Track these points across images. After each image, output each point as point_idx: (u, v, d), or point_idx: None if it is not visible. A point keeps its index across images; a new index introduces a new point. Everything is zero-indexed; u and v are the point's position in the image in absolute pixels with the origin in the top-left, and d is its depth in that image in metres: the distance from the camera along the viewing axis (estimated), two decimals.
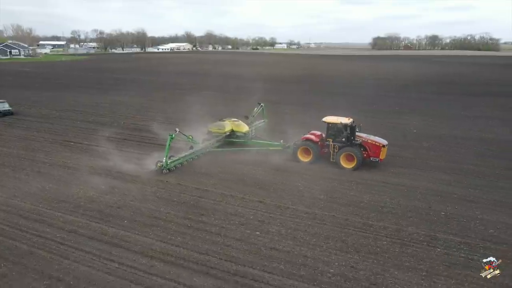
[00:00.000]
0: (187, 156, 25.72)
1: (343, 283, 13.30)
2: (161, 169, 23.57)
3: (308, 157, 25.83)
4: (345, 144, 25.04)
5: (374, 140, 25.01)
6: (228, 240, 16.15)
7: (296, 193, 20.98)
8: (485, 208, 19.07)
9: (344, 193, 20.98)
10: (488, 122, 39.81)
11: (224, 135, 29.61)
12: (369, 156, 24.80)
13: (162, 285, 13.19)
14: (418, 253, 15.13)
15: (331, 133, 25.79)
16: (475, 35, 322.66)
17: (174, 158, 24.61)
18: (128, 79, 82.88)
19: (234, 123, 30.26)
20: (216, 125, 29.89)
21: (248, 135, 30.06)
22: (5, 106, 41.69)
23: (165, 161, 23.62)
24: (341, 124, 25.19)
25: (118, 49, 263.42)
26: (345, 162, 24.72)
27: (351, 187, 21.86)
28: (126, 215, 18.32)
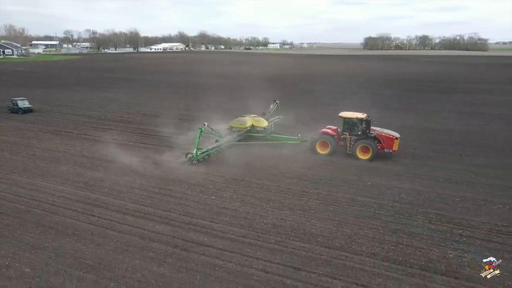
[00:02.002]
0: (214, 148, 27.12)
1: (271, 228, 17.22)
2: (191, 160, 25.38)
3: (326, 150, 27.57)
4: (361, 137, 27.00)
5: (387, 133, 26.94)
6: (188, 202, 20.02)
7: (255, 169, 24.82)
8: (405, 180, 23.08)
9: (294, 170, 24.84)
10: (443, 115, 43.86)
11: (245, 130, 31.38)
12: (383, 148, 26.58)
13: (131, 230, 17.01)
14: (337, 210, 19.08)
15: (347, 127, 27.64)
16: (464, 36, 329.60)
17: (203, 150, 26.12)
18: (119, 77, 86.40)
19: (254, 119, 31.98)
20: (238, 121, 31.54)
21: (267, 130, 31.99)
22: (25, 103, 44.03)
23: (195, 153, 25.37)
24: (357, 118, 27.28)
25: (111, 49, 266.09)
26: (361, 154, 26.53)
27: (303, 166, 25.69)
28: (107, 185, 22.13)
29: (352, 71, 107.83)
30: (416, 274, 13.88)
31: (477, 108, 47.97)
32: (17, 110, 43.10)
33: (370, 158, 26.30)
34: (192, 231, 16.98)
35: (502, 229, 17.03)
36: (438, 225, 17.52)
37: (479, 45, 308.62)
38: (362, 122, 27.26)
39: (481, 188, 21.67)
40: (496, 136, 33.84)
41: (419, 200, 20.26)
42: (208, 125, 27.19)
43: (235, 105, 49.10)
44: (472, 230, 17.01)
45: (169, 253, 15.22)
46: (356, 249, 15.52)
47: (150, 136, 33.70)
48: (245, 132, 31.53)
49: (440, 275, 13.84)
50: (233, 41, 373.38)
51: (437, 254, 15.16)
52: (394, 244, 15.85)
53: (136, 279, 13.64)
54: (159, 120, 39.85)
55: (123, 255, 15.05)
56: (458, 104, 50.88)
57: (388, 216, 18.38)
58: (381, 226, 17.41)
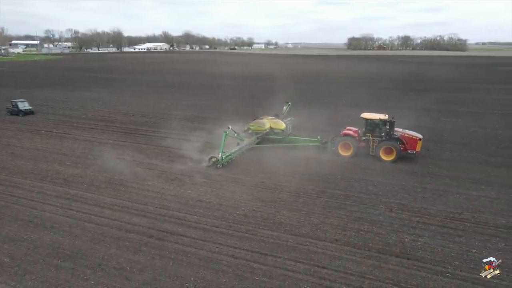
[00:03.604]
0: (237, 151, 27.16)
1: (243, 218, 18.23)
2: (216, 164, 24.98)
3: (348, 152, 27.33)
4: (385, 138, 26.73)
5: (410, 134, 26.68)
6: (165, 196, 20.85)
7: (236, 165, 25.76)
8: (372, 173, 24.40)
9: (273, 165, 25.83)
10: (415, 112, 45.54)
11: (264, 132, 30.80)
12: (406, 149, 26.26)
13: (108, 222, 17.77)
14: (306, 201, 20.21)
15: (370, 128, 27.44)
16: (444, 36, 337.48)
17: (227, 153, 25.78)
18: (101, 77, 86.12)
19: (272, 121, 31.49)
20: (256, 123, 30.94)
21: (285, 132, 31.60)
22: (25, 105, 42.71)
23: (221, 156, 25.03)
24: (381, 120, 27.00)
25: (94, 49, 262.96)
26: (384, 155, 26.29)
27: (280, 161, 26.71)
28: (86, 181, 22.77)
29: (334, 70, 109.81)
30: (373, 257, 15.09)
31: (448, 106, 49.94)
32: (17, 112, 41.63)
33: (394, 160, 26.06)
34: (167, 222, 17.83)
35: (456, 216, 18.43)
36: (399, 213, 18.83)
37: (458, 45, 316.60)
38: (385, 123, 26.96)
39: (442, 180, 23.15)
40: (463, 132, 35.60)
41: (383, 191, 21.56)
42: (232, 129, 27.04)
43: (221, 105, 50.04)
44: (429, 217, 18.36)
45: (144, 242, 16.06)
46: (321, 236, 16.65)
47: (131, 134, 34.28)
48: (264, 135, 31.00)
49: (395, 257, 15.08)
50: (218, 41, 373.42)
51: (394, 238, 16.41)
52: (356, 231, 17.04)
53: (112, 266, 14.44)
54: (141, 119, 40.48)
55: (100, 245, 15.82)
56: (430, 102, 52.83)
57: (353, 206, 19.61)
58: (346, 215, 18.60)
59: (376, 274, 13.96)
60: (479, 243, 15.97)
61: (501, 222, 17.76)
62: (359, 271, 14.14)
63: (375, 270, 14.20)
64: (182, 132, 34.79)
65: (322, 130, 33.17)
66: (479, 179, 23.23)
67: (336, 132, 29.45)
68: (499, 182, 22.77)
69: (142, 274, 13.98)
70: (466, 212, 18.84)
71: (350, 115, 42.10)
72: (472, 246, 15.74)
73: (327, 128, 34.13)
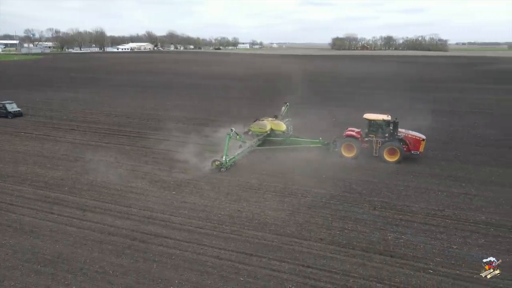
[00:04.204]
0: (240, 154, 26.56)
1: (227, 219, 18.14)
2: (219, 167, 24.23)
3: (352, 153, 27.06)
4: (388, 139, 26.57)
5: (414, 134, 26.62)
6: (149, 197, 20.59)
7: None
8: (356, 172, 24.63)
9: (254, 165, 25.84)
10: (393, 111, 46.12)
11: (265, 134, 30.31)
12: (409, 150, 26.17)
13: (90, 226, 17.44)
14: (292, 201, 20.25)
15: (373, 129, 27.22)
16: (425, 36, 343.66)
17: (230, 156, 25.20)
18: (83, 77, 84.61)
19: (273, 122, 31.02)
20: (257, 125, 30.45)
21: (287, 133, 31.19)
22: (13, 106, 41.25)
23: (225, 160, 24.39)
24: (384, 120, 26.87)
25: (76, 49, 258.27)
26: (388, 156, 26.08)
27: (265, 161, 26.72)
28: (68, 184, 22.30)
29: (319, 70, 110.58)
30: (357, 255, 15.22)
31: (430, 105, 50.82)
32: (6, 114, 40.11)
33: (397, 161, 25.89)
34: (151, 225, 17.60)
35: (438, 213, 18.77)
36: (382, 211, 19.06)
37: (439, 45, 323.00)
38: (389, 124, 26.86)
39: (424, 178, 23.55)
40: (444, 131, 36.29)
41: (367, 189, 21.79)
42: (236, 131, 26.67)
43: (207, 105, 49.82)
44: (412, 214, 18.64)
45: (127, 245, 15.82)
46: (306, 235, 16.71)
47: (114, 136, 33.75)
48: (265, 136, 30.51)
49: (379, 254, 15.25)
50: (203, 41, 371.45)
51: (377, 236, 16.60)
52: (340, 230, 17.17)
53: (94, 270, 14.16)
54: (124, 120, 39.93)
55: (81, 249, 15.50)
56: (412, 101, 53.69)
57: (337, 205, 19.75)
58: (330, 214, 18.72)
59: (360, 272, 14.09)
60: (460, 240, 16.30)
61: (481, 219, 18.16)
62: (344, 270, 14.24)
63: (359, 268, 14.33)
64: (167, 133, 34.50)
65: (311, 130, 33.37)
66: (460, 177, 23.72)
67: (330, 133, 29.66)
68: (479, 179, 23.30)
69: (125, 277, 13.76)
70: (447, 209, 19.21)
71: (336, 115, 42.58)
72: (453, 243, 16.05)
73: (317, 127, 34.38)
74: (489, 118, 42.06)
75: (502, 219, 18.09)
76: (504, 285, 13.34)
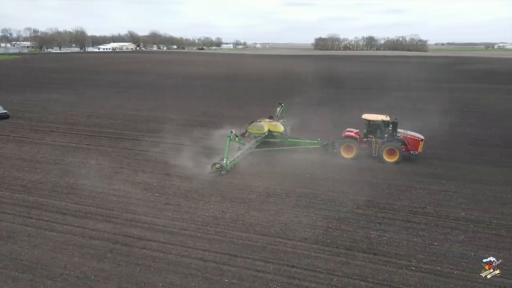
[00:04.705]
0: (239, 156, 26.10)
1: (212, 220, 18.01)
2: (219, 170, 23.79)
3: (351, 154, 26.99)
4: (388, 139, 26.57)
5: (413, 135, 26.73)
6: (132, 200, 20.26)
7: (201, 165, 25.41)
8: (340, 171, 24.83)
9: (238, 165, 25.72)
10: (377, 110, 46.87)
11: (263, 135, 29.90)
12: (408, 150, 26.24)
13: (71, 230, 17.03)
14: (276, 201, 20.25)
15: (372, 130, 27.18)
16: (406, 37, 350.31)
17: (231, 159, 24.74)
18: (63, 78, 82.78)
19: (270, 123, 30.67)
20: (255, 126, 30.01)
21: (284, 134, 30.80)
22: (0, 109, 39.89)
23: (226, 163, 23.99)
24: (383, 121, 26.80)
25: (55, 49, 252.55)
26: (387, 157, 26.07)
27: (252, 162, 26.60)
28: (47, 188, 21.73)
29: (302, 70, 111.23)
30: (341, 254, 15.33)
31: (411, 104, 51.73)
32: None
33: (397, 161, 25.95)
34: (134, 227, 17.31)
35: (419, 211, 19.09)
36: (365, 209, 19.27)
37: (419, 46, 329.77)
38: (388, 124, 26.95)
39: (406, 176, 23.94)
40: (425, 129, 36.79)
41: (351, 188, 21.98)
42: (235, 134, 26.34)
43: (190, 105, 49.41)
44: (394, 212, 18.91)
45: (109, 249, 15.50)
46: (290, 235, 16.74)
47: (95, 137, 33.09)
48: (263, 138, 30.12)
49: (362, 252, 15.39)
50: (186, 41, 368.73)
51: (361, 235, 16.76)
52: (324, 229, 17.26)
53: (75, 275, 13.83)
54: (106, 121, 39.23)
55: (61, 254, 15.11)
56: (394, 100, 54.57)
57: (321, 204, 19.86)
58: (314, 213, 18.81)
59: (344, 271, 14.19)
60: (441, 236, 16.61)
61: (461, 215, 18.57)
62: (328, 268, 14.32)
63: (343, 267, 14.43)
64: (150, 134, 34.10)
65: (299, 130, 33.51)
66: (440, 175, 24.20)
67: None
68: (459, 177, 23.83)
69: (107, 282, 13.48)
70: (428, 206, 19.56)
71: (319, 115, 42.89)
72: (434, 239, 16.35)
73: (302, 128, 34.53)
74: (469, 116, 43.08)
75: (480, 215, 18.54)
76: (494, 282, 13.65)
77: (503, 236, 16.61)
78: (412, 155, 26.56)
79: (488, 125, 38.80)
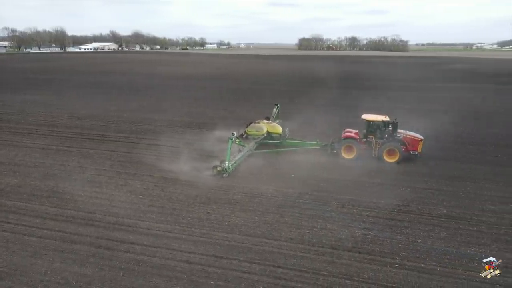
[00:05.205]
0: (240, 158, 25.81)
1: (197, 222, 17.84)
2: (221, 173, 23.43)
3: (351, 154, 26.99)
4: (387, 140, 26.71)
5: (412, 135, 26.92)
6: (115, 202, 19.87)
7: (185, 166, 25.16)
8: (325, 171, 24.99)
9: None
10: (361, 110, 47.45)
11: (262, 137, 29.64)
12: (408, 150, 26.40)
13: (51, 234, 16.57)
14: (262, 201, 20.20)
15: (371, 130, 27.22)
16: (387, 37, 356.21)
17: (232, 162, 24.39)
18: (42, 79, 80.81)
19: (269, 125, 30.40)
20: (254, 128, 29.67)
21: (283, 135, 30.46)
22: None
23: (228, 165, 23.60)
24: (383, 121, 26.87)
25: (34, 49, 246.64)
26: (387, 157, 26.19)
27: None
28: (26, 191, 21.12)
29: (285, 70, 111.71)
30: (326, 253, 15.38)
31: (393, 103, 52.51)
32: None
33: (397, 161, 26.12)
34: (117, 231, 16.98)
35: (403, 209, 19.35)
36: (350, 208, 19.41)
37: (401, 46, 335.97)
38: (388, 124, 27.08)
39: (389, 174, 24.23)
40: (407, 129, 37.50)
41: (335, 187, 22.12)
42: (237, 136, 26.01)
43: (174, 106, 48.92)
44: (378, 211, 19.11)
45: (91, 253, 15.15)
46: (276, 235, 16.71)
47: (77, 139, 32.36)
48: (262, 139, 29.88)
49: (347, 251, 15.48)
50: (169, 41, 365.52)
51: (346, 233, 16.87)
52: (310, 228, 17.30)
53: (55, 281, 13.45)
54: (87, 123, 38.46)
55: (41, 260, 14.68)
56: (376, 100, 55.38)
57: (306, 204, 19.91)
58: (300, 213, 18.83)
59: (330, 270, 14.24)
60: (424, 233, 16.87)
61: (443, 212, 18.91)
62: (314, 268, 14.34)
63: (328, 266, 14.48)
64: (133, 135, 33.61)
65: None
66: (423, 173, 24.60)
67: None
68: (441, 174, 24.27)
69: (89, 287, 13.16)
70: (411, 204, 19.85)
71: (305, 115, 43.04)
72: (417, 237, 16.58)
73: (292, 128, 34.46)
74: (450, 115, 43.96)
75: (461, 212, 18.92)
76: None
77: (483, 232, 16.98)
78: (412, 155, 26.73)
79: (470, 124, 39.71)
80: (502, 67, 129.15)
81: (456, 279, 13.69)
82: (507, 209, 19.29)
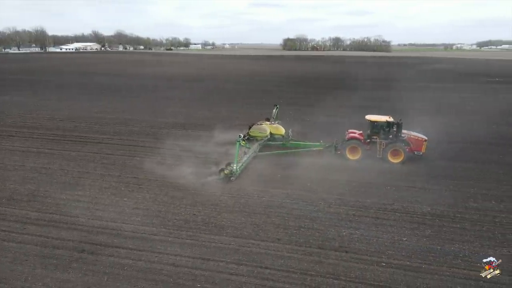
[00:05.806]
0: (246, 160, 25.59)
1: (183, 224, 17.62)
2: (229, 176, 22.99)
3: (356, 155, 26.87)
4: (392, 140, 26.59)
5: (416, 135, 26.91)
6: (98, 205, 19.46)
7: (170, 168, 24.87)
8: (312, 170, 24.99)
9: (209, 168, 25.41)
10: (344, 109, 47.94)
11: (266, 138, 29.55)
12: (412, 151, 26.43)
13: (32, 240, 16.11)
14: (248, 202, 20.10)
15: (375, 131, 27.08)
16: (370, 38, 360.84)
17: (239, 164, 24.11)
18: (22, 79, 78.77)
19: (272, 126, 30.31)
20: (257, 129, 29.59)
21: (286, 137, 30.42)
22: None
23: (236, 168, 23.25)
24: (388, 122, 26.62)
25: (14, 49, 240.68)
26: (392, 157, 26.20)
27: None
28: (5, 195, 20.51)
29: (270, 70, 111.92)
30: (314, 253, 15.39)
31: (376, 103, 53.16)
32: None
33: (402, 162, 26.12)
34: (101, 234, 16.63)
35: (388, 207, 19.54)
36: (336, 208, 19.48)
37: (383, 46, 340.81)
38: (393, 125, 26.92)
39: (374, 174, 24.41)
40: None
41: (323, 187, 22.16)
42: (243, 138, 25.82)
43: (160, 107, 48.35)
44: (364, 210, 19.24)
45: (74, 258, 14.79)
46: (263, 236, 16.64)
47: (58, 141, 31.60)
48: (266, 141, 29.72)
49: (334, 251, 15.53)
50: (153, 41, 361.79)
51: (332, 233, 16.92)
52: (297, 228, 17.30)
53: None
54: (70, 124, 37.64)
55: (22, 266, 14.25)
56: (359, 99, 56.00)
57: (293, 204, 19.90)
58: (287, 213, 18.82)
59: (317, 270, 14.25)
60: (409, 231, 17.06)
61: (427, 210, 19.17)
62: (301, 268, 14.33)
63: (316, 266, 14.49)
64: (117, 137, 33.03)
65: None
66: (407, 171, 24.91)
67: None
68: (425, 173, 24.61)
69: None
70: (396, 202, 20.06)
71: (292, 113, 43.12)
72: (403, 235, 16.76)
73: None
74: (434, 115, 44.68)
75: (445, 210, 19.22)
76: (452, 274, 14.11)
77: (467, 230, 17.28)
78: (416, 155, 26.85)
79: (454, 123, 40.39)
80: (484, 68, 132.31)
81: (441, 276, 13.88)
82: (490, 206, 19.70)
